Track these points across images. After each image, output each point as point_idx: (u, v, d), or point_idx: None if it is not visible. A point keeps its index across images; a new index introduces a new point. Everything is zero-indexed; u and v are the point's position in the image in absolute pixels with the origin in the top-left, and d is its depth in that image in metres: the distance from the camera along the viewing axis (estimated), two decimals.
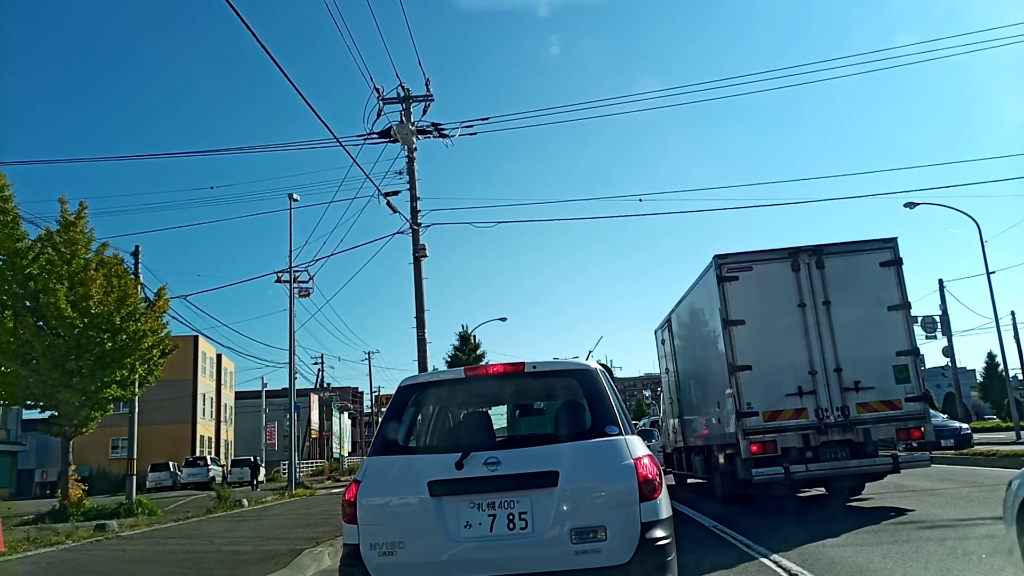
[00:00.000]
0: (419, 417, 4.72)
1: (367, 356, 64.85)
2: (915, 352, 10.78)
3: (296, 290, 26.60)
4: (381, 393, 58.93)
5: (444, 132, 17.94)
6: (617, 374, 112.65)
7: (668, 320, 16.00)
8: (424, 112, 17.90)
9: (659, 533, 3.76)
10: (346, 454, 78.25)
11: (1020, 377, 61.11)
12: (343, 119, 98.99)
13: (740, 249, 11.25)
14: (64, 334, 16.90)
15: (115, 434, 43.06)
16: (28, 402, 18.33)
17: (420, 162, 18.21)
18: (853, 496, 11.65)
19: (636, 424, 21.84)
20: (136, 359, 18.23)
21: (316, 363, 73.45)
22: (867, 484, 11.75)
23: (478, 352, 42.90)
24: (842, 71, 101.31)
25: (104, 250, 18.90)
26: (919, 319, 29.19)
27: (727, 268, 10.95)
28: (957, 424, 23.50)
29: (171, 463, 40.66)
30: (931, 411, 11.15)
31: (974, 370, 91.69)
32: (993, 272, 27.83)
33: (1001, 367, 42.55)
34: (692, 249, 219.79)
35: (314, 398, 67.50)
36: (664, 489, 3.97)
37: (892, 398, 10.44)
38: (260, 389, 51.59)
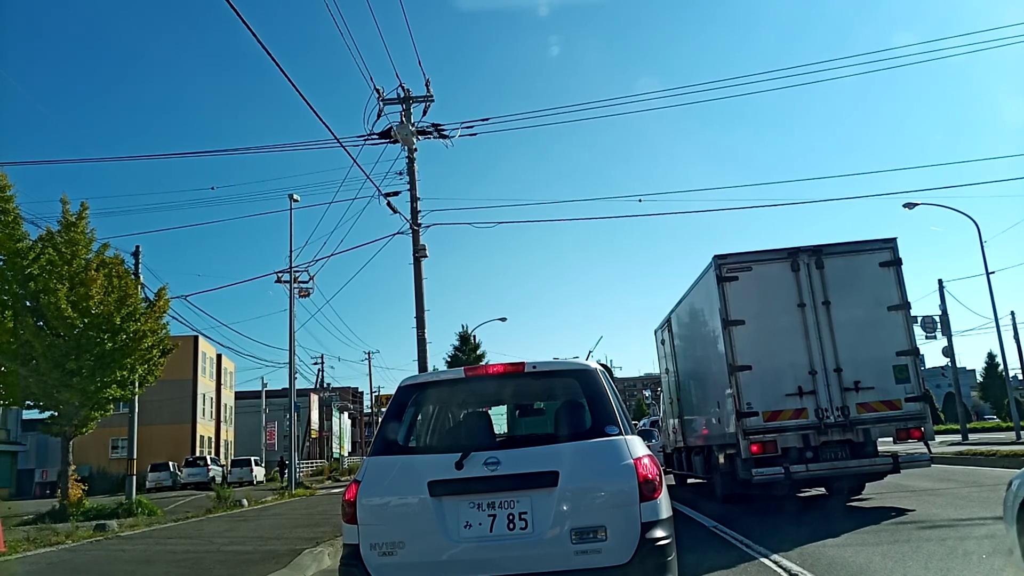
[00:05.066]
0: (419, 417, 4.72)
1: (367, 356, 64.95)
2: (915, 352, 10.78)
3: (296, 290, 26.62)
4: (381, 393, 59.13)
5: (444, 133, 17.95)
6: (617, 374, 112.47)
7: (668, 320, 16.00)
8: (424, 113, 17.92)
9: (659, 533, 3.76)
10: (346, 454, 78.24)
11: (1020, 377, 61.13)
12: (343, 119, 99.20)
13: (740, 249, 11.26)
14: (64, 334, 16.91)
15: (115, 434, 43.05)
16: (28, 402, 18.31)
17: (420, 162, 18.23)
18: (853, 496, 11.65)
19: (636, 424, 21.84)
20: (136, 359, 18.23)
21: (316, 363, 73.58)
22: (867, 484, 11.75)
23: (478, 352, 42.89)
24: (842, 71, 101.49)
25: (105, 250, 18.91)
26: (919, 319, 29.14)
27: (727, 268, 10.95)
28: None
29: (171, 463, 40.66)
30: None
31: (974, 370, 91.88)
32: (993, 272, 27.97)
33: (1001, 367, 42.58)
34: (692, 249, 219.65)
35: (314, 398, 67.54)
36: (664, 489, 3.97)
37: (892, 398, 10.45)
38: (260, 389, 51.77)
